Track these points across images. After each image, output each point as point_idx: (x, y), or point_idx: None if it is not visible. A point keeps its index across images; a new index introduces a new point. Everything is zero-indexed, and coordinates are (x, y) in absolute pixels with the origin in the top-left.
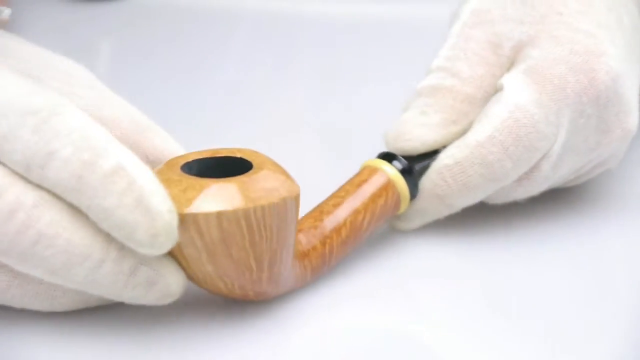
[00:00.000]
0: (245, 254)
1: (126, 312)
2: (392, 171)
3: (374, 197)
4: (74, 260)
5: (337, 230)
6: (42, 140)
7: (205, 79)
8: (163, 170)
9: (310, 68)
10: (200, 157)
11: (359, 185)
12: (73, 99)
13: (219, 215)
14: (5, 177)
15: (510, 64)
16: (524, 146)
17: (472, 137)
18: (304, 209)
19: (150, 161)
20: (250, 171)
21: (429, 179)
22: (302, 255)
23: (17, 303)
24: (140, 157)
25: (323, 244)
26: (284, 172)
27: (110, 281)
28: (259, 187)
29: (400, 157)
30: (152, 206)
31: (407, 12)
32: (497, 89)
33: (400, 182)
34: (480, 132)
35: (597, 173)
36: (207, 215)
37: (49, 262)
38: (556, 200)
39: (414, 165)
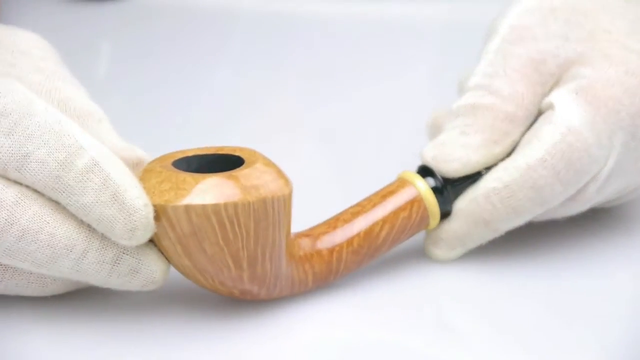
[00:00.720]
0: (220, 250)
1: (120, 302)
2: (423, 186)
3: (397, 210)
4: (58, 252)
5: (349, 239)
6: (16, 143)
7: (204, 78)
8: (152, 162)
9: (309, 68)
10: (201, 153)
11: (385, 196)
12: (31, 85)
13: (187, 208)
14: None
15: (555, 82)
16: (575, 170)
17: (521, 160)
18: (301, 209)
19: None
20: (237, 168)
21: (475, 203)
22: (302, 260)
23: (10, 292)
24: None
25: (331, 251)
26: (275, 172)
27: (94, 270)
28: (239, 184)
29: (437, 175)
30: (128, 201)
31: (404, 12)
32: (543, 107)
33: (430, 199)
34: (531, 155)
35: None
36: (175, 208)
37: (34, 256)
38: (589, 219)
39: (450, 184)
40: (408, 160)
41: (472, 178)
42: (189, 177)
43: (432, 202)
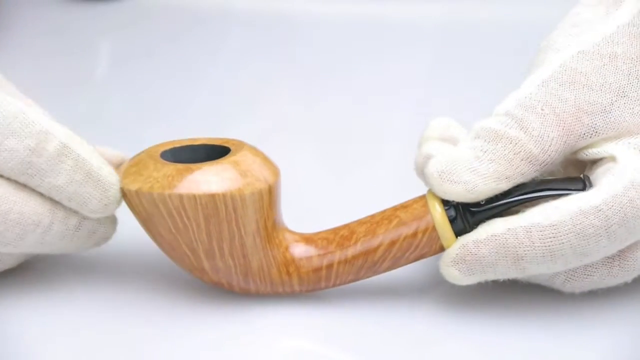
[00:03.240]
0: (174, 238)
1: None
2: (438, 209)
3: (402, 227)
4: (26, 229)
5: (345, 248)
6: None
7: (203, 78)
8: (148, 148)
9: (308, 68)
10: (197, 144)
11: (396, 210)
12: None
13: (138, 193)
14: None
15: (601, 138)
16: (628, 228)
17: (575, 203)
18: (295, 209)
19: None
20: (210, 161)
21: (513, 234)
22: (287, 261)
23: None
24: None
25: (322, 257)
26: (252, 169)
27: (58, 239)
28: (193, 177)
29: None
30: (103, 178)
31: (401, 11)
32: (587, 157)
33: (442, 222)
34: (586, 201)
35: None
36: (129, 191)
37: (3, 236)
38: None
39: (472, 207)
40: (406, 160)
41: (502, 204)
42: (152, 164)
43: (444, 226)
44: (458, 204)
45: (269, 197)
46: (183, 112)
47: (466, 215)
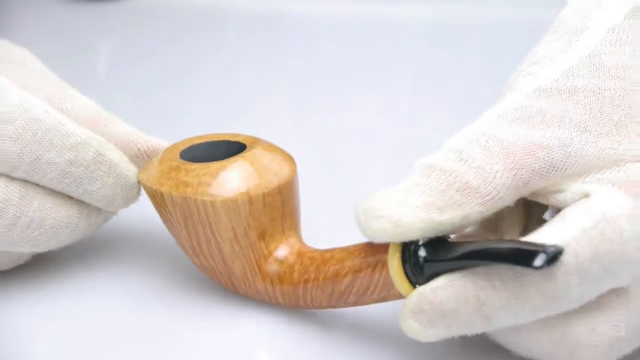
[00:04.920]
0: (169, 227)
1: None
2: (391, 251)
3: (363, 262)
4: (57, 231)
5: (319, 272)
6: (25, 148)
7: (203, 78)
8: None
9: (309, 68)
10: (215, 140)
11: (368, 243)
12: (34, 92)
13: (140, 182)
14: None
15: (563, 176)
16: (601, 265)
17: (540, 239)
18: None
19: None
20: (219, 161)
21: (472, 276)
22: (270, 273)
23: None
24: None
25: (301, 275)
26: (242, 175)
27: (80, 234)
28: (180, 176)
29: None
30: (129, 179)
31: (396, 12)
32: (553, 201)
33: (397, 270)
34: (553, 237)
35: None
36: (139, 180)
37: (37, 240)
38: None
39: (436, 250)
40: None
41: (473, 247)
42: (162, 159)
43: (396, 272)
44: (415, 254)
45: (248, 207)
46: (183, 111)
47: (416, 268)
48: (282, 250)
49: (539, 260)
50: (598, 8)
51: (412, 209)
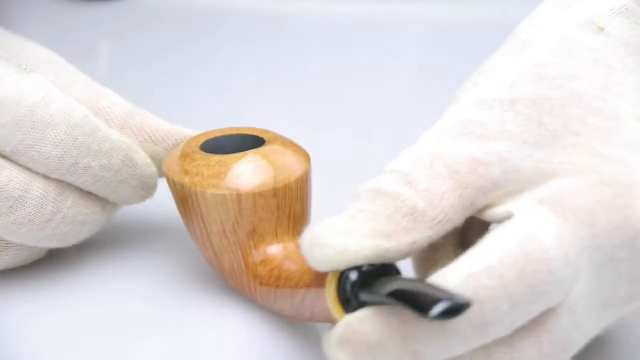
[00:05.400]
0: (179, 211)
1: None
2: (331, 275)
3: (316, 279)
4: (85, 227)
5: (285, 281)
6: (65, 153)
7: (204, 77)
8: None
9: (310, 67)
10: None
11: None
12: (69, 92)
13: (161, 169)
14: (26, 177)
15: (503, 192)
16: (529, 287)
17: (463, 265)
18: None
19: (149, 139)
20: (223, 155)
21: (398, 309)
22: (255, 274)
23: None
24: (140, 139)
25: (275, 280)
26: (251, 170)
27: (97, 227)
28: (186, 165)
29: (365, 265)
30: (150, 181)
31: (400, 12)
32: (489, 217)
33: (331, 293)
34: (477, 261)
35: None
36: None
37: (66, 235)
38: None
39: (372, 278)
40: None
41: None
42: (181, 148)
43: (331, 294)
44: (347, 280)
45: (237, 205)
46: (183, 111)
47: (346, 295)
48: (270, 253)
49: (435, 310)
50: (552, 18)
51: (358, 236)
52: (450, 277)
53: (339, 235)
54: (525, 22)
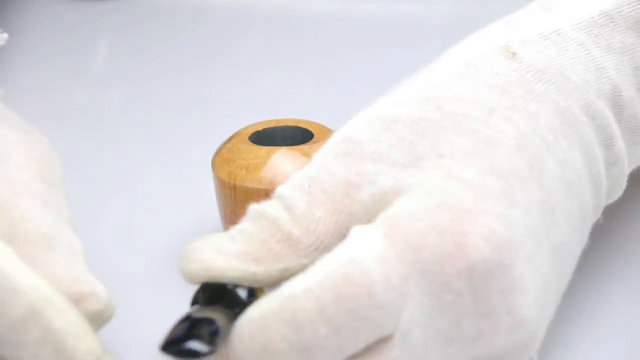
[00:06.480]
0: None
1: None
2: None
3: None
4: None
5: None
6: None
7: (205, 77)
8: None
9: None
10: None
11: None
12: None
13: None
14: None
15: (369, 214)
16: (348, 310)
17: (286, 288)
18: None
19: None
20: (259, 145)
21: (230, 336)
22: None
23: None
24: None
25: None
26: (264, 164)
27: None
28: (224, 148)
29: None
30: (77, 358)
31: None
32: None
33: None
34: (298, 283)
35: None
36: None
37: None
38: None
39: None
40: None
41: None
42: (230, 139)
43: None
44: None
45: (232, 194)
46: (184, 111)
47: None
48: None
49: (161, 344)
50: (481, 39)
51: (227, 256)
52: (271, 299)
53: (210, 252)
54: (467, 38)
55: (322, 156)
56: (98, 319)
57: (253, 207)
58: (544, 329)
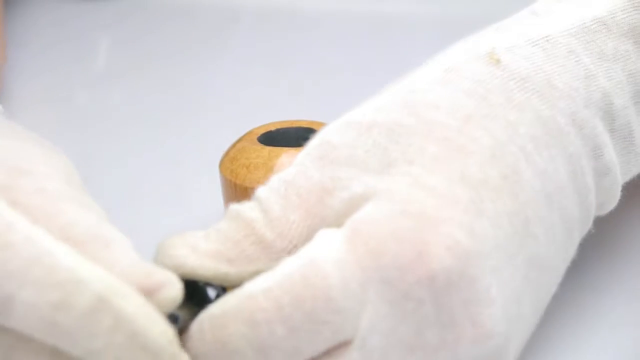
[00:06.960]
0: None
1: None
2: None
3: None
4: None
5: None
6: None
7: (204, 77)
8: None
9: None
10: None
11: None
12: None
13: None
14: None
15: (340, 219)
16: (305, 313)
17: (247, 287)
18: None
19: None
20: (265, 145)
21: (190, 330)
22: None
23: None
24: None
25: None
26: (265, 164)
27: None
28: (230, 155)
29: (210, 284)
30: (151, 341)
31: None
32: None
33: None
34: (258, 283)
35: None
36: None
37: None
38: None
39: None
40: None
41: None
42: (240, 139)
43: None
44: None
45: (233, 191)
46: (184, 111)
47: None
48: None
49: None
50: (470, 44)
51: (200, 255)
52: (232, 297)
53: (184, 249)
54: (455, 44)
55: (301, 159)
56: (171, 306)
57: (232, 207)
58: (519, 342)
